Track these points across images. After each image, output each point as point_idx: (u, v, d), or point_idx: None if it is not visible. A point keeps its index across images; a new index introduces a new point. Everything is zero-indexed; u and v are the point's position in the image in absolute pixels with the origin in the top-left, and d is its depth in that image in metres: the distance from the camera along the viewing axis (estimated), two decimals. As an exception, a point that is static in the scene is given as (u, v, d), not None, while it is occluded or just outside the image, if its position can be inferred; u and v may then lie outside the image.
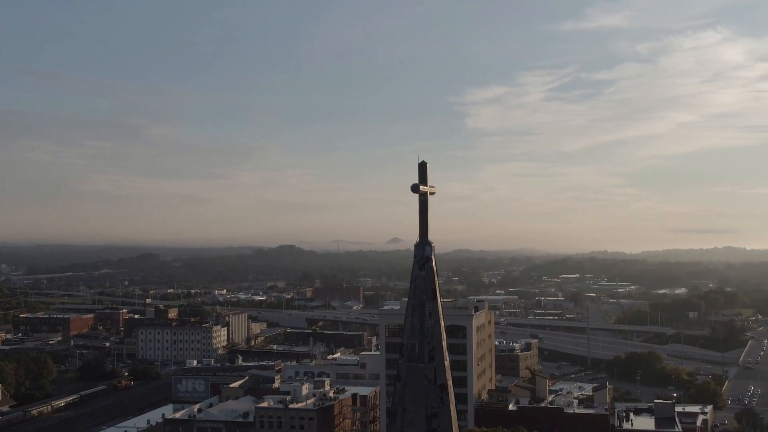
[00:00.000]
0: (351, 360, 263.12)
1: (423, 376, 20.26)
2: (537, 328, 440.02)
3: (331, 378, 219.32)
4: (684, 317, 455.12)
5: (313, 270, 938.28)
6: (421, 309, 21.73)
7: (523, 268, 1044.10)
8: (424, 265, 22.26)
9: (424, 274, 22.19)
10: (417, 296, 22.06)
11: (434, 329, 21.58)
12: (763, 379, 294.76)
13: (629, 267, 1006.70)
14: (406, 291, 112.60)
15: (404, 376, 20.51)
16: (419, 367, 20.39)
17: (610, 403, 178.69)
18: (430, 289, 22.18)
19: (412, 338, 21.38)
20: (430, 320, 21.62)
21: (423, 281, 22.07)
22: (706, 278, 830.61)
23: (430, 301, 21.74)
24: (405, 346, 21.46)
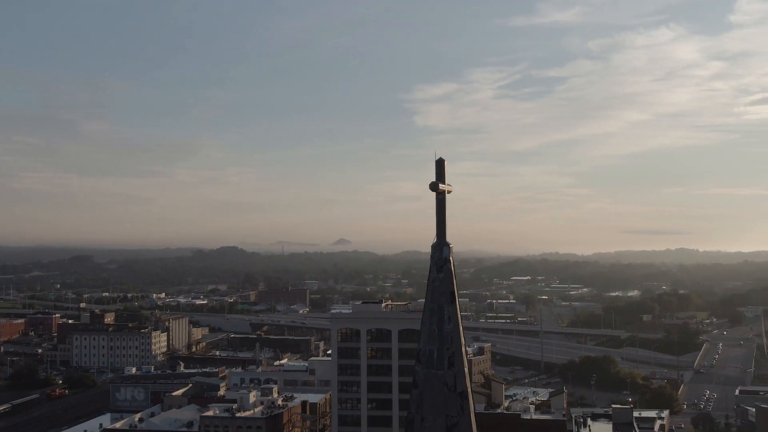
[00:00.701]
0: (299, 366, 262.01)
1: (442, 383, 20.04)
2: (489, 331, 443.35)
3: (279, 385, 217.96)
4: (638, 320, 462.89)
5: (256, 272, 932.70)
6: (440, 312, 21.49)
7: (474, 270, 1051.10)
8: (443, 267, 22.01)
9: (443, 276, 21.95)
10: (435, 299, 21.81)
11: (453, 334, 21.37)
12: (718, 383, 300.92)
13: (581, 269, 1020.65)
14: (355, 294, 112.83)
15: (422, 383, 20.28)
16: (438, 373, 20.17)
17: (567, 408, 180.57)
18: (449, 291, 21.95)
19: (430, 343, 21.14)
20: (450, 324, 21.40)
21: (441, 284, 21.83)
22: (659, 280, 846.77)
23: (449, 305, 21.51)
24: (422, 351, 21.21)
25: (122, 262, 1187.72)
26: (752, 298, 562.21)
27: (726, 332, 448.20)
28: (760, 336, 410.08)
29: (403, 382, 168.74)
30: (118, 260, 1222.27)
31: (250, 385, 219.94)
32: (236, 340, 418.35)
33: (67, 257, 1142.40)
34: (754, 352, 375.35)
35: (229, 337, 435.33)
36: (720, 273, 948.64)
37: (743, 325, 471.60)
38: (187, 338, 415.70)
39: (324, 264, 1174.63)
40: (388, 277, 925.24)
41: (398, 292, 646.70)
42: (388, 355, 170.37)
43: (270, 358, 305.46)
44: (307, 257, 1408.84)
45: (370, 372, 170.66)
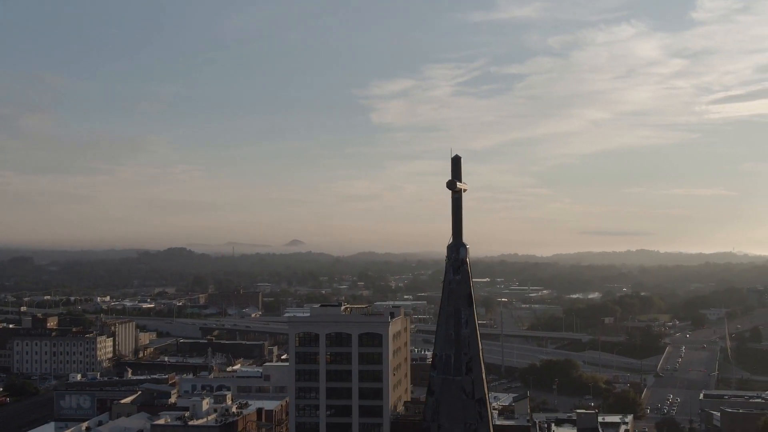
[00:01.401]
0: (253, 372, 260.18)
1: (460, 390, 19.91)
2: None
3: (233, 392, 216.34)
4: (599, 323, 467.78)
5: (206, 275, 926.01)
6: (457, 316, 21.38)
7: (432, 272, 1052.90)
8: (459, 269, 21.92)
9: (460, 278, 21.85)
10: (452, 302, 21.67)
11: (471, 338, 21.27)
12: (681, 387, 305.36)
13: (541, 270, 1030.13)
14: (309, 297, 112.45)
15: (438, 389, 20.12)
16: (456, 379, 20.03)
17: (531, 413, 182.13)
18: (466, 294, 21.84)
19: (447, 348, 21.01)
20: (467, 328, 21.29)
21: (458, 286, 21.72)
22: (620, 282, 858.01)
23: (466, 308, 21.41)
24: (438, 357, 21.06)
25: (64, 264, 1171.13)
26: (715, 300, 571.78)
27: (689, 335, 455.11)
28: (724, 339, 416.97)
29: (363, 388, 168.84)
30: (60, 262, 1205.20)
31: (203, 392, 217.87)
32: (186, 345, 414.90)
33: (6, 259, 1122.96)
34: (718, 355, 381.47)
35: (178, 342, 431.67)
36: (681, 275, 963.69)
37: (706, 328, 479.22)
38: (134, 343, 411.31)
39: (276, 266, 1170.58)
40: (344, 279, 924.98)
41: (354, 295, 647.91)
42: (348, 360, 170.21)
43: (222, 364, 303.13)
44: (258, 259, 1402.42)
45: (329, 378, 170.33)
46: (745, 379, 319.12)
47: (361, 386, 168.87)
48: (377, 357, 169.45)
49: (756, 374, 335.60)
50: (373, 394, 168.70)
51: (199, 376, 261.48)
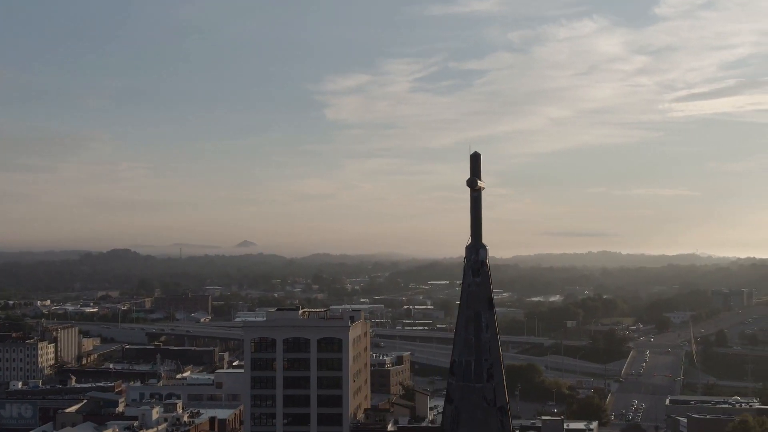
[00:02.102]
0: (204, 379, 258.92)
1: (481, 398, 19.69)
2: (407, 339, 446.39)
3: (183, 400, 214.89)
4: (562, 327, 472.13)
5: (151, 277, 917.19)
6: (477, 320, 21.17)
7: (389, 274, 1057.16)
8: (479, 271, 21.73)
9: (480, 280, 21.66)
10: (471, 306, 21.47)
11: (492, 343, 21.08)
12: (646, 393, 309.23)
13: (501, 272, 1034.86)
14: (261, 300, 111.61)
15: (457, 397, 19.89)
16: (476, 387, 19.79)
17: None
18: (486, 297, 21.67)
19: (467, 354, 20.76)
20: (487, 333, 21.10)
21: (478, 289, 21.54)
22: (582, 284, 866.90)
23: (486, 312, 21.24)
24: (457, 363, 20.82)
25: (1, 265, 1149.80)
26: (679, 303, 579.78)
27: (653, 339, 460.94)
28: (689, 343, 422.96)
29: (322, 395, 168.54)
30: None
31: (152, 400, 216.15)
32: (132, 351, 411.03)
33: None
34: (683, 359, 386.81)
35: (123, 348, 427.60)
36: (644, 277, 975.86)
37: (671, 332, 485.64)
38: (77, 349, 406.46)
39: (226, 268, 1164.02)
40: (297, 282, 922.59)
41: (309, 298, 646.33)
42: (306, 367, 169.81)
43: (171, 371, 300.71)
44: (207, 261, 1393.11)
45: (286, 384, 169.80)
46: (711, 384, 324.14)
47: (319, 393, 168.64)
48: (337, 363, 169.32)
49: (722, 379, 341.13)
50: (332, 402, 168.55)
51: (147, 383, 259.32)
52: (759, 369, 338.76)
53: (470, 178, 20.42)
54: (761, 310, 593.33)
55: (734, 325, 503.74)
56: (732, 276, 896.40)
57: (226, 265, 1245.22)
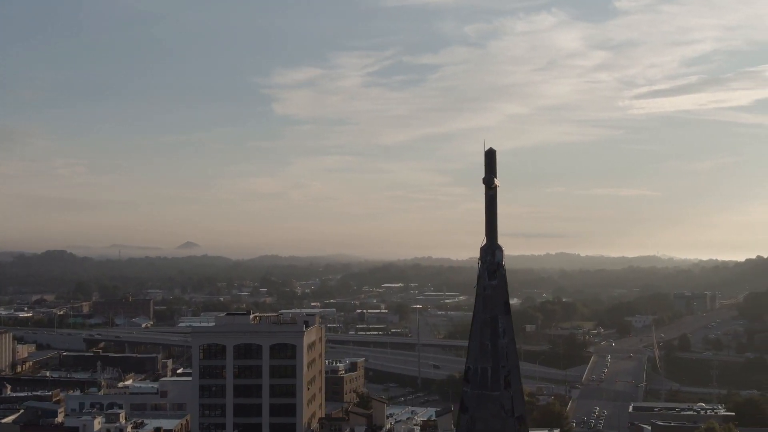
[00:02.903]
0: (148, 388, 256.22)
1: (498, 407, 19.33)
2: (360, 345, 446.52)
3: (126, 409, 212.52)
4: (520, 331, 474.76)
5: (89, 280, 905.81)
6: (494, 325, 20.77)
7: (341, 277, 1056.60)
8: (495, 273, 21.32)
9: (496, 283, 21.25)
10: (488, 310, 21.04)
11: (509, 349, 20.71)
12: (608, 399, 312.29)
13: (457, 275, 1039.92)
14: (206, 304, 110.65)
15: (473, 406, 19.47)
16: (493, 395, 19.43)
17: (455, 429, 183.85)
18: (503, 301, 21.29)
19: (483, 360, 20.33)
20: (505, 338, 20.72)
21: (495, 292, 21.12)
22: (540, 287, 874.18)
23: (503, 316, 20.85)
24: (473, 370, 20.37)
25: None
26: (640, 306, 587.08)
27: (614, 344, 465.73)
28: (651, 348, 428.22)
29: (275, 404, 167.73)
30: None
31: (93, 410, 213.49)
32: (69, 358, 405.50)
33: None
34: (645, 365, 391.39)
35: (60, 355, 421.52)
36: (604, 279, 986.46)
37: (632, 336, 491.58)
38: (11, 356, 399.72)
39: (169, 270, 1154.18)
40: (244, 285, 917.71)
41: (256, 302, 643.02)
42: (257, 374, 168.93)
43: (112, 379, 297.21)
44: (148, 263, 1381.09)
45: (236, 393, 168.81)
46: (674, 391, 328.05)
47: (272, 402, 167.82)
48: (290, 370, 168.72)
49: (686, 385, 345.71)
50: (285, 411, 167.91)
51: (87, 392, 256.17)
52: (723, 375, 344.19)
53: (486, 175, 20.05)
54: (725, 313, 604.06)
55: (697, 329, 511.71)
56: (694, 278, 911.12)
57: (168, 268, 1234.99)
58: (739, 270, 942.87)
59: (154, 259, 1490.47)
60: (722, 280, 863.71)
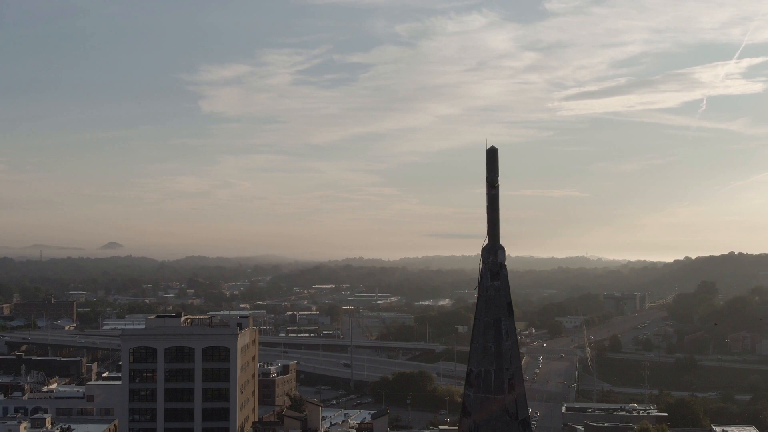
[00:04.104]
0: (74, 392, 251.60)
1: (502, 410, 19.22)
2: (291, 347, 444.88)
3: (51, 414, 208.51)
4: (453, 332, 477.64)
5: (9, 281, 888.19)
6: (497, 327, 20.63)
7: (270, 278, 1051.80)
8: (498, 274, 21.16)
9: (499, 284, 21.11)
10: (491, 311, 20.89)
11: (513, 352, 20.61)
12: (540, 400, 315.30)
13: (388, 275, 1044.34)
14: (131, 306, 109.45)
15: (476, 410, 19.33)
16: (497, 398, 19.30)
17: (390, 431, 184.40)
18: (506, 303, 21.15)
19: (486, 363, 20.19)
20: (508, 341, 20.61)
21: (497, 293, 20.98)
22: (471, 288, 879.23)
23: (506, 318, 20.73)
24: (476, 373, 20.23)
25: None
26: (570, 307, 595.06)
27: (546, 344, 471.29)
28: (582, 348, 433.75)
29: (207, 408, 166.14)
30: None
31: (17, 415, 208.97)
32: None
33: None
34: (577, 365, 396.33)
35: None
36: (534, 280, 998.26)
37: (563, 336, 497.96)
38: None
39: (92, 272, 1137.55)
40: (170, 286, 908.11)
41: (183, 304, 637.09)
42: (190, 378, 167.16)
43: (36, 383, 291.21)
44: (71, 264, 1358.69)
45: (168, 397, 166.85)
46: (606, 391, 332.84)
47: (205, 406, 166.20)
48: (224, 373, 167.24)
49: (617, 385, 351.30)
50: (218, 415, 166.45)
51: (10, 397, 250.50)
52: (654, 375, 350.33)
53: (490, 175, 19.91)
54: (654, 314, 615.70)
55: (628, 330, 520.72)
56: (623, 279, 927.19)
57: (91, 269, 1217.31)
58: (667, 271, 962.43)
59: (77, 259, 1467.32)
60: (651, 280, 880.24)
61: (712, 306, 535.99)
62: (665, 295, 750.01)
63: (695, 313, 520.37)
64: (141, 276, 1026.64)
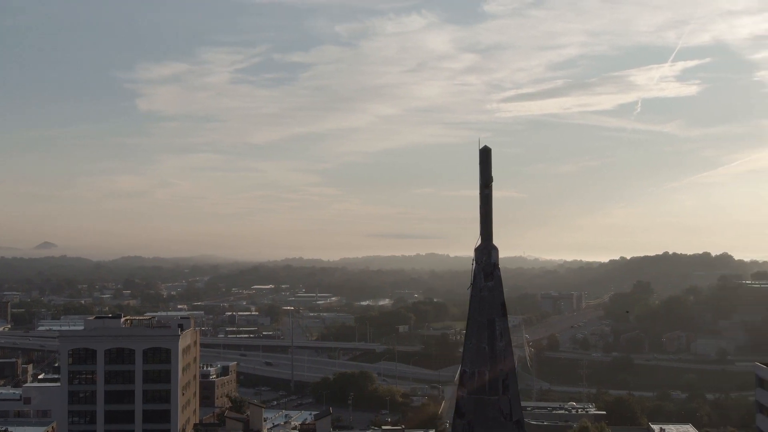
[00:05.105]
0: (9, 394, 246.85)
1: (497, 411, 19.23)
2: (230, 348, 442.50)
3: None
4: (394, 332, 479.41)
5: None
6: (491, 328, 20.73)
7: (209, 278, 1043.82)
8: (492, 274, 21.23)
9: (492, 284, 21.19)
10: (484, 312, 20.97)
11: (507, 352, 20.68)
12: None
13: (328, 276, 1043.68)
14: (67, 307, 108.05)
15: (470, 411, 19.32)
16: (491, 399, 19.31)
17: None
18: (500, 303, 21.22)
19: (480, 364, 20.21)
20: (502, 341, 20.67)
21: (491, 294, 21.09)
22: (411, 288, 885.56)
23: (500, 318, 20.80)
24: (469, 374, 20.23)
25: None
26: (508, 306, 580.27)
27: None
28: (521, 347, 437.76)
29: (148, 410, 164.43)
30: None
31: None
32: None
33: None
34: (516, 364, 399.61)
35: None
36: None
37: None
38: None
39: (26, 272, 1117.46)
40: (107, 287, 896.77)
41: (120, 305, 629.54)
42: (130, 379, 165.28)
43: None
44: (4, 263, 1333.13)
45: (108, 399, 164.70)
46: (545, 390, 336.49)
47: (146, 408, 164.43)
48: (165, 375, 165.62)
49: (555, 384, 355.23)
50: (159, 417, 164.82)
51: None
52: (592, 374, 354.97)
53: (486, 175, 20.02)
54: (591, 313, 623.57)
55: (565, 329, 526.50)
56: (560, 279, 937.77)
57: (25, 269, 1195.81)
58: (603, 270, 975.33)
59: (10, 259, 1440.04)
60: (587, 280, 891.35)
61: (647, 305, 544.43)
62: (601, 294, 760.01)
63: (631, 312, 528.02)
64: (76, 276, 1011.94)
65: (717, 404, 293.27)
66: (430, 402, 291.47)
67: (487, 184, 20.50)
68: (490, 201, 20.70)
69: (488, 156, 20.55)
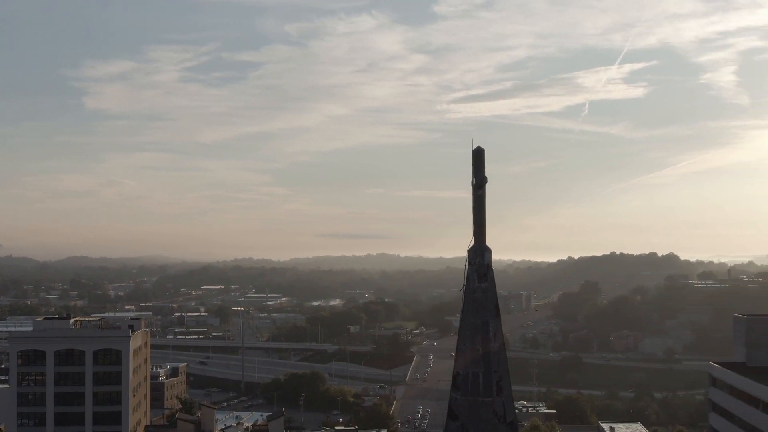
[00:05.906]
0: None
1: (491, 413, 19.37)
2: (180, 349, 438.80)
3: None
4: (345, 332, 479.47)
5: None
6: (484, 329, 20.83)
7: (156, 279, 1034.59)
8: (486, 275, 21.34)
9: (486, 286, 21.28)
10: (478, 313, 21.09)
11: (500, 354, 20.80)
12: (432, 399, 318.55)
13: (279, 276, 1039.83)
14: (12, 308, 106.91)
15: (464, 413, 19.44)
16: (485, 401, 19.44)
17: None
18: (493, 305, 21.34)
19: (474, 365, 20.34)
20: (495, 343, 20.80)
21: (484, 295, 21.17)
22: (362, 288, 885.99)
23: (493, 320, 20.91)
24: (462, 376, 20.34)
25: None
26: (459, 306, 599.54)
27: (436, 343, 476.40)
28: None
29: (99, 412, 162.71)
30: None
31: None
32: None
33: None
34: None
35: None
36: (423, 279, 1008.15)
37: (453, 335, 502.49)
38: None
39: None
40: (53, 287, 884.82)
41: (67, 305, 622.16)
42: (81, 381, 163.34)
43: None
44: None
45: (58, 401, 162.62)
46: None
47: (96, 410, 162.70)
48: (115, 376, 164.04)
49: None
50: (110, 419, 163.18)
51: None
52: (542, 373, 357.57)
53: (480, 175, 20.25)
54: (540, 312, 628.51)
55: (515, 328, 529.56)
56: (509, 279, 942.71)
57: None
58: (551, 270, 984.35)
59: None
60: (536, 280, 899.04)
61: (595, 305, 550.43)
62: (550, 294, 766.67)
63: (579, 311, 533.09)
64: (22, 277, 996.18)
65: (665, 403, 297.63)
66: (382, 402, 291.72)
67: (481, 184, 20.72)
68: (484, 202, 20.94)
69: (481, 157, 20.80)
